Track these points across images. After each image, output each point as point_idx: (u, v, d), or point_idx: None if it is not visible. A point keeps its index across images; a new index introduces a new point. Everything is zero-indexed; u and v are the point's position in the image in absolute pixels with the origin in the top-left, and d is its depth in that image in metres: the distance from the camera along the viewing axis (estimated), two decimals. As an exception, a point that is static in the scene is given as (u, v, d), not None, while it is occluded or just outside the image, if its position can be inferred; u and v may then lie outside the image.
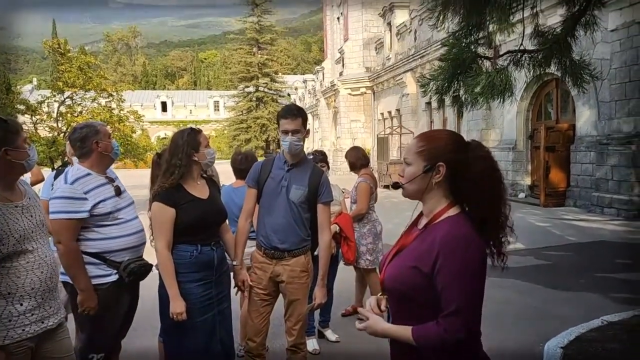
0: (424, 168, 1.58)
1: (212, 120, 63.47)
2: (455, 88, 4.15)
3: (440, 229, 1.54)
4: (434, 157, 1.57)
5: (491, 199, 1.56)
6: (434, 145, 1.59)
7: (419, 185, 1.60)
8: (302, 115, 3.07)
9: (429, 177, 1.58)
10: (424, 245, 1.55)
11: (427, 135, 1.67)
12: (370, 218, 4.86)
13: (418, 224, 1.70)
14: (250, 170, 3.23)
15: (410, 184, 1.62)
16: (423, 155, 1.59)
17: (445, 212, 1.58)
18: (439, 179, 1.57)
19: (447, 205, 1.59)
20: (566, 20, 4.09)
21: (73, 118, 13.20)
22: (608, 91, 10.33)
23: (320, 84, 35.51)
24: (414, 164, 1.61)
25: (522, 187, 13.69)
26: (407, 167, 1.63)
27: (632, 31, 9.58)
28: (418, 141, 1.64)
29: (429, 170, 1.57)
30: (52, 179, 3.87)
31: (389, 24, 24.08)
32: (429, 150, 1.59)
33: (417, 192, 1.62)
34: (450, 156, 1.56)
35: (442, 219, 1.58)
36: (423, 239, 1.58)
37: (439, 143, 1.60)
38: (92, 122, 3.13)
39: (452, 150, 1.58)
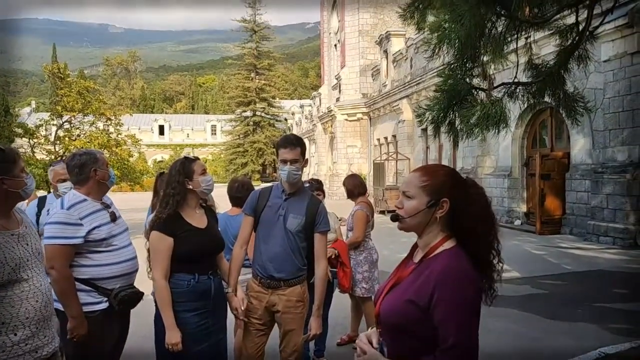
0: (427, 203, 1.59)
1: (209, 144, 63.71)
2: (451, 118, 4.21)
3: (437, 263, 1.56)
4: (437, 192, 1.59)
5: (487, 234, 1.60)
6: (437, 180, 1.61)
7: (421, 220, 1.61)
8: (301, 145, 3.10)
9: (432, 212, 1.59)
10: (420, 279, 1.56)
11: (429, 169, 1.69)
12: (366, 246, 4.85)
13: (413, 257, 1.71)
14: (248, 198, 3.24)
15: (412, 218, 1.62)
16: (427, 190, 1.61)
17: (441, 245, 1.60)
18: (442, 214, 1.59)
19: (443, 238, 1.61)
20: (559, 53, 4.18)
21: (71, 142, 13.22)
22: (602, 120, 10.47)
23: (317, 109, 35.82)
24: (417, 198, 1.61)
25: (518, 214, 13.72)
26: (409, 201, 1.64)
27: (624, 62, 9.77)
28: (420, 175, 1.65)
29: (433, 206, 1.59)
30: (35, 208, 3.86)
31: (385, 52, 24.45)
32: (433, 185, 1.61)
33: (417, 226, 1.63)
34: (453, 192, 1.59)
35: (439, 252, 1.59)
36: (419, 272, 1.59)
37: (442, 179, 1.62)
38: (91, 150, 3.16)
39: (454, 187, 1.61)
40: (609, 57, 10.00)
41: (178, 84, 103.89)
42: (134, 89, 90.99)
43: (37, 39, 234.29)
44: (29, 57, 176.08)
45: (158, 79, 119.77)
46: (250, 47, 56.85)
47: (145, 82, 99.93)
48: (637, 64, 9.52)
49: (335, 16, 31.89)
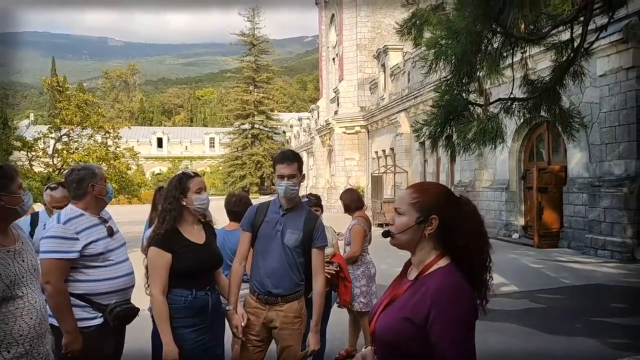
0: (417, 219, 1.61)
1: (207, 157, 63.85)
2: (448, 133, 4.24)
3: (432, 281, 1.56)
4: (427, 209, 1.61)
5: (480, 252, 1.61)
6: (428, 197, 1.63)
7: (411, 236, 1.63)
8: (298, 161, 3.11)
9: (422, 228, 1.61)
10: (416, 297, 1.57)
11: (421, 187, 1.71)
12: (364, 260, 4.84)
13: (408, 274, 1.71)
14: (246, 213, 3.24)
15: (402, 234, 1.64)
16: (416, 207, 1.62)
17: (435, 263, 1.61)
18: (431, 231, 1.60)
19: (437, 256, 1.62)
20: (555, 69, 4.23)
21: (69, 155, 13.22)
22: (598, 134, 10.52)
23: (316, 122, 35.94)
24: (407, 215, 1.63)
25: (516, 227, 13.72)
26: (399, 217, 1.66)
27: (619, 77, 9.86)
28: (412, 192, 1.67)
29: (422, 222, 1.61)
30: (29, 227, 3.84)
31: (383, 66, 24.63)
32: (423, 202, 1.62)
33: (408, 243, 1.65)
34: (443, 209, 1.61)
35: (433, 270, 1.60)
36: (415, 290, 1.59)
37: (433, 196, 1.64)
38: (90, 165, 3.17)
39: (445, 204, 1.62)
40: (605, 72, 10.08)
41: (177, 96, 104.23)
42: (132, 102, 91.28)
43: (36, 52, 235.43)
44: (29, 70, 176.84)
45: (157, 92, 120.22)
46: (249, 60, 57.23)
47: (144, 95, 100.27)
48: (632, 79, 9.60)
49: (333, 30, 32.15)
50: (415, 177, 21.22)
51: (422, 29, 5.72)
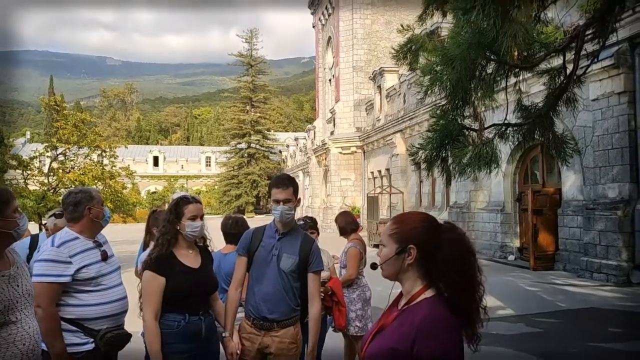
0: (396, 250, 1.64)
1: (203, 176, 63.81)
2: (444, 157, 4.28)
3: (416, 312, 1.58)
4: (405, 239, 1.64)
5: (462, 281, 1.58)
6: (406, 228, 1.66)
7: (393, 267, 1.66)
8: (293, 185, 3.13)
9: (402, 259, 1.63)
10: (402, 328, 1.58)
11: (400, 218, 1.74)
12: (359, 283, 4.83)
13: (398, 303, 1.72)
14: (241, 238, 3.24)
15: (385, 266, 1.68)
16: (395, 238, 1.66)
17: (421, 294, 1.62)
18: (410, 260, 1.62)
19: (423, 287, 1.63)
20: (548, 96, 4.30)
21: (64, 174, 13.20)
22: (592, 157, 10.62)
23: (312, 142, 36.09)
24: (388, 246, 1.67)
25: (512, 249, 13.72)
26: (383, 249, 1.70)
27: (612, 101, 9.99)
28: (391, 224, 1.71)
29: (401, 252, 1.63)
30: (27, 250, 3.83)
31: (379, 87, 24.89)
32: (401, 232, 1.65)
33: (393, 274, 1.67)
34: (421, 238, 1.62)
35: (419, 301, 1.61)
36: (401, 321, 1.61)
37: (410, 226, 1.66)
38: (87, 188, 3.18)
39: (423, 233, 1.64)
40: (597, 96, 10.22)
41: (174, 115, 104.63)
42: (129, 120, 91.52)
43: (35, 71, 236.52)
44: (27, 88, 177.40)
45: (154, 111, 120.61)
46: (246, 80, 57.67)
47: (141, 114, 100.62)
48: (624, 103, 9.73)
49: (330, 52, 32.55)
50: (411, 198, 21.27)
51: (417, 54, 5.81)
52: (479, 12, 3.19)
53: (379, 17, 28.43)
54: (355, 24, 28.06)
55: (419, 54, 5.86)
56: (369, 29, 28.28)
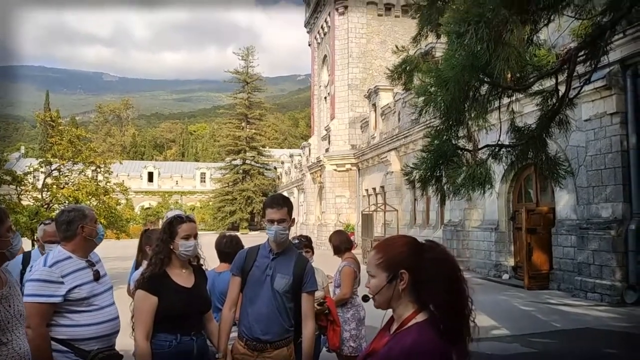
0: (387, 278, 1.63)
1: (198, 192, 63.65)
2: (438, 177, 4.31)
3: (406, 338, 1.57)
4: (393, 265, 1.63)
5: (451, 299, 1.57)
6: (392, 254, 1.65)
7: (387, 296, 1.65)
8: (288, 205, 3.14)
9: (394, 285, 1.63)
10: (392, 353, 1.57)
11: (384, 245, 1.72)
12: (353, 303, 4.81)
13: (390, 327, 1.72)
14: (235, 258, 3.23)
15: (378, 296, 1.66)
16: (383, 267, 1.65)
17: (413, 318, 1.62)
18: (403, 285, 1.62)
19: (415, 311, 1.63)
20: (541, 118, 4.35)
21: (58, 190, 13.14)
22: (585, 177, 10.70)
23: (307, 159, 36.17)
24: (377, 277, 1.66)
25: (506, 268, 13.71)
26: (372, 280, 1.68)
27: (604, 122, 10.11)
28: (376, 253, 1.69)
29: (393, 280, 1.62)
30: (20, 266, 3.80)
31: (373, 105, 25.07)
32: (388, 260, 1.65)
33: (387, 302, 1.66)
34: (409, 261, 1.62)
35: (410, 325, 1.61)
36: (391, 346, 1.60)
37: (396, 251, 1.66)
38: (81, 207, 3.17)
39: (410, 256, 1.63)
40: (590, 117, 10.34)
41: (169, 131, 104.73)
42: (125, 136, 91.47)
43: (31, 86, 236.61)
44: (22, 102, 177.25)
45: (150, 126, 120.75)
46: (242, 97, 57.97)
47: (136, 129, 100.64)
48: (616, 124, 9.85)
49: (325, 70, 32.83)
50: (405, 216, 21.28)
51: (412, 74, 5.90)
52: (472, 35, 3.25)
53: (374, 36, 28.80)
54: (350, 43, 28.39)
55: (413, 75, 5.94)
56: (364, 48, 28.61)
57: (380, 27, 28.86)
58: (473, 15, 3.22)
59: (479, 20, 3.20)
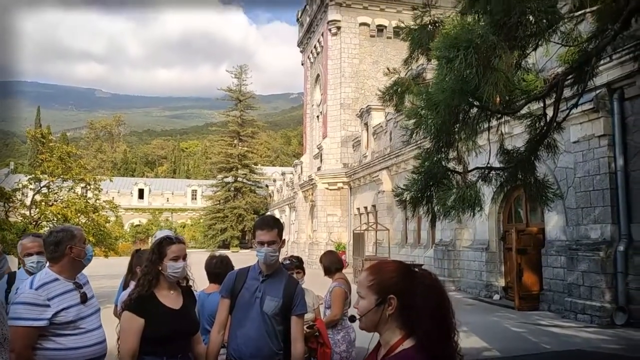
0: (375, 301, 1.63)
1: (189, 209, 63.29)
2: (428, 199, 4.34)
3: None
4: (384, 290, 1.63)
5: (439, 328, 1.58)
6: (383, 277, 1.65)
7: (374, 319, 1.64)
8: (278, 227, 3.14)
9: (382, 309, 1.62)
10: None
11: (376, 268, 1.72)
12: (344, 324, 4.77)
13: (378, 353, 1.71)
14: (225, 279, 3.22)
15: (365, 318, 1.66)
16: (373, 289, 1.65)
17: (400, 345, 1.61)
18: (391, 311, 1.62)
19: (402, 337, 1.62)
20: (529, 141, 4.41)
21: (47, 207, 13.00)
22: (574, 198, 10.79)
23: (299, 177, 36.19)
24: (367, 298, 1.66)
25: (497, 288, 13.71)
26: (361, 301, 1.68)
27: (592, 144, 10.25)
28: (368, 275, 1.69)
29: (381, 303, 1.62)
30: (5, 285, 3.75)
31: (365, 124, 25.25)
32: (379, 283, 1.64)
33: (373, 325, 1.66)
34: (399, 287, 1.62)
35: (398, 352, 1.60)
36: None
37: (388, 275, 1.66)
38: (69, 227, 3.14)
39: (401, 282, 1.63)
40: (578, 139, 10.48)
41: (161, 148, 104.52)
42: (116, 152, 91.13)
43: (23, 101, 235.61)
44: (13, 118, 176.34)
45: (141, 143, 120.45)
46: (235, 115, 58.15)
47: (128, 146, 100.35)
48: (604, 146, 9.98)
49: (318, 89, 33.10)
50: (396, 235, 21.27)
51: (403, 96, 5.96)
52: (461, 60, 3.31)
53: (367, 57, 29.15)
54: (343, 63, 28.69)
55: (404, 96, 6.01)
56: (356, 68, 28.92)
57: (372, 47, 29.23)
58: (462, 41, 3.29)
59: (468, 46, 3.26)
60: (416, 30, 5.64)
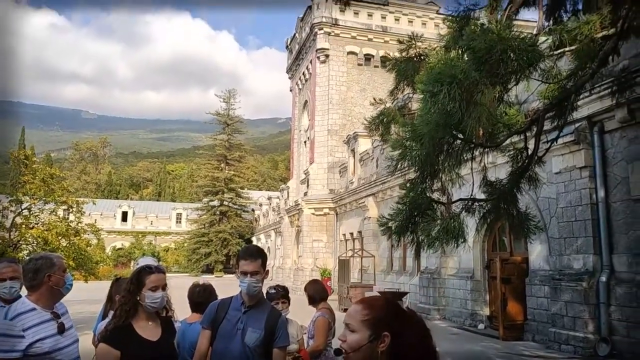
0: (369, 337, 1.60)
1: (173, 232, 62.56)
2: (412, 229, 4.37)
3: None
4: (378, 326, 1.61)
5: None
6: (378, 313, 1.63)
7: (364, 355, 1.61)
8: (262, 257, 3.12)
9: (374, 346, 1.60)
10: None
11: (373, 302, 1.70)
12: (327, 355, 4.70)
13: None
14: (207, 310, 3.17)
15: (355, 353, 1.62)
16: (368, 324, 1.62)
17: None
18: (383, 348, 1.59)
19: None
20: (511, 174, 4.49)
21: (27, 230, 12.76)
22: (557, 228, 10.91)
23: (285, 202, 36.12)
24: (359, 333, 1.62)
25: (482, 317, 13.67)
26: (352, 335, 1.64)
27: (574, 175, 10.43)
28: (362, 309, 1.66)
29: (375, 340, 1.60)
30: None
31: (352, 151, 25.43)
32: (374, 318, 1.62)
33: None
34: (394, 325, 1.61)
35: None
36: None
37: (384, 311, 1.64)
38: (49, 255, 3.09)
39: (394, 319, 1.63)
40: (560, 170, 10.66)
41: (147, 170, 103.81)
42: (100, 174, 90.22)
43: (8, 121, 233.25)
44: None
45: (127, 165, 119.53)
46: (222, 138, 58.17)
47: (113, 168, 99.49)
48: (585, 178, 10.16)
49: (306, 115, 33.36)
50: (382, 262, 21.21)
51: (389, 126, 6.06)
52: (445, 95, 3.39)
53: (354, 84, 29.57)
54: (331, 90, 29.04)
55: (390, 126, 6.10)
56: (344, 95, 29.28)
57: (360, 75, 29.69)
58: (446, 76, 3.37)
59: (451, 82, 3.35)
60: (402, 62, 5.76)
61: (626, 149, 9.50)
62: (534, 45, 3.57)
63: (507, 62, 3.44)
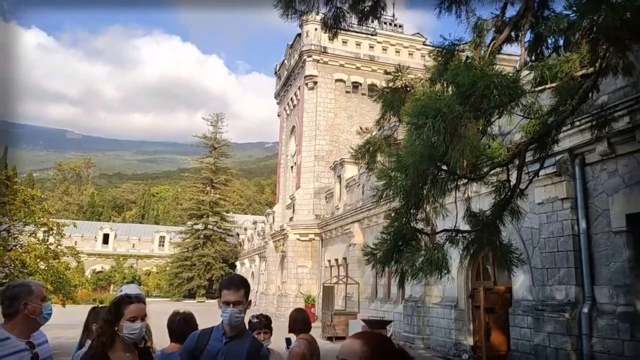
0: None
1: (155, 256, 61.61)
2: (397, 259, 4.37)
3: None
4: None
5: None
6: (377, 350, 1.62)
7: None
8: (245, 287, 3.10)
9: None
10: None
11: (369, 339, 1.68)
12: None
13: None
14: (186, 340, 3.12)
15: None
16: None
17: None
18: None
19: None
20: (494, 206, 4.55)
21: (5, 252, 12.48)
22: (540, 258, 10.99)
23: (270, 227, 35.91)
24: None
25: (465, 347, 13.59)
26: None
27: (556, 206, 10.57)
28: (362, 344, 1.65)
29: None
30: None
31: (339, 177, 25.53)
32: (372, 355, 1.61)
33: None
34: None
35: None
36: None
37: (381, 349, 1.64)
38: (28, 282, 3.02)
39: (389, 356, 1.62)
40: (543, 201, 10.80)
41: (131, 192, 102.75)
42: (83, 195, 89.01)
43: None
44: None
45: (111, 186, 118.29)
46: (209, 161, 58.06)
47: (96, 189, 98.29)
48: (567, 209, 10.30)
49: (293, 140, 33.53)
50: (367, 289, 21.09)
51: (374, 154, 6.12)
52: (430, 128, 3.45)
53: (341, 111, 29.91)
54: (318, 116, 29.31)
55: (376, 155, 6.16)
56: (331, 122, 29.56)
57: (347, 103, 30.06)
58: (431, 109, 3.44)
59: (436, 115, 3.42)
60: (388, 93, 5.86)
61: (606, 182, 9.68)
62: (515, 82, 3.67)
63: (489, 97, 3.52)
